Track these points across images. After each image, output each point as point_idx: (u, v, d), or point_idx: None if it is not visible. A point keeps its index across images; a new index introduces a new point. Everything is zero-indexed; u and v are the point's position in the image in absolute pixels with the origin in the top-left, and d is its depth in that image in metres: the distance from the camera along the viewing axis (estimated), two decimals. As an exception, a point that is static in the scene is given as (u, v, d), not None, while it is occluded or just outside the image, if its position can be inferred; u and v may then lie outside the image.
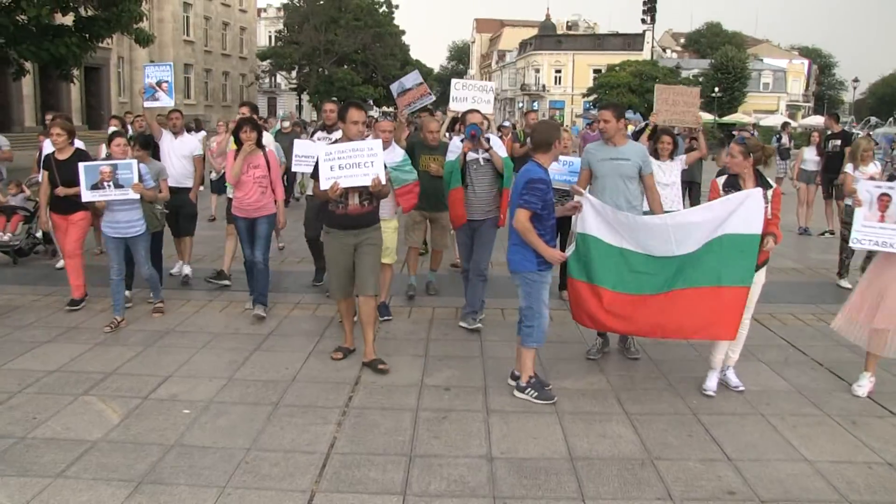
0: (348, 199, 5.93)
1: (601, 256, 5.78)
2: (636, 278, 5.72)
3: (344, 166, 5.77)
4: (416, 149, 8.03)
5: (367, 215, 6.04)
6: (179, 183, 8.77)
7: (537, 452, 4.60)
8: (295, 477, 4.24)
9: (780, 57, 79.92)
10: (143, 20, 23.10)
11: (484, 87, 8.98)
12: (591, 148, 6.40)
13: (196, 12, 51.65)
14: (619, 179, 6.13)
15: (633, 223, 5.77)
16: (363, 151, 5.79)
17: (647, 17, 57.71)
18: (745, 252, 5.40)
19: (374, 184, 5.76)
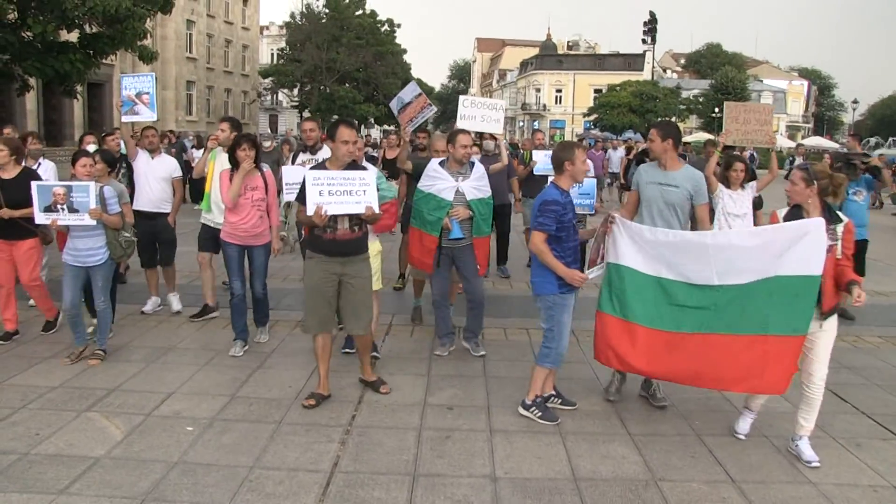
0: (337, 223, 5.50)
1: (637, 289, 5.31)
2: (673, 312, 5.19)
3: (334, 192, 5.38)
4: (422, 169, 7.31)
5: (356, 242, 5.61)
6: (157, 207, 8.08)
7: (541, 473, 4.60)
8: (299, 495, 4.23)
9: (779, 78, 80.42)
10: (146, 37, 23.22)
11: (494, 105, 8.49)
12: (642, 169, 5.93)
13: (199, 30, 51.89)
14: (665, 207, 5.61)
15: (669, 239, 5.27)
16: (355, 181, 5.41)
17: (647, 37, 58.10)
18: (801, 296, 4.73)
19: (368, 212, 5.40)
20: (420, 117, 7.98)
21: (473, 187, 6.68)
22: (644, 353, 5.22)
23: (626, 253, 5.38)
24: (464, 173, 6.71)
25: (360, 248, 5.67)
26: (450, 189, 6.61)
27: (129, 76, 8.21)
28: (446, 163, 6.75)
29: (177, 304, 8.24)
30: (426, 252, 6.72)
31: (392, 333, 7.61)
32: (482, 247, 6.87)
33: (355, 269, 5.62)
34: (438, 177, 6.66)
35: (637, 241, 5.36)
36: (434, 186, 6.63)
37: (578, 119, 68.73)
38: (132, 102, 7.89)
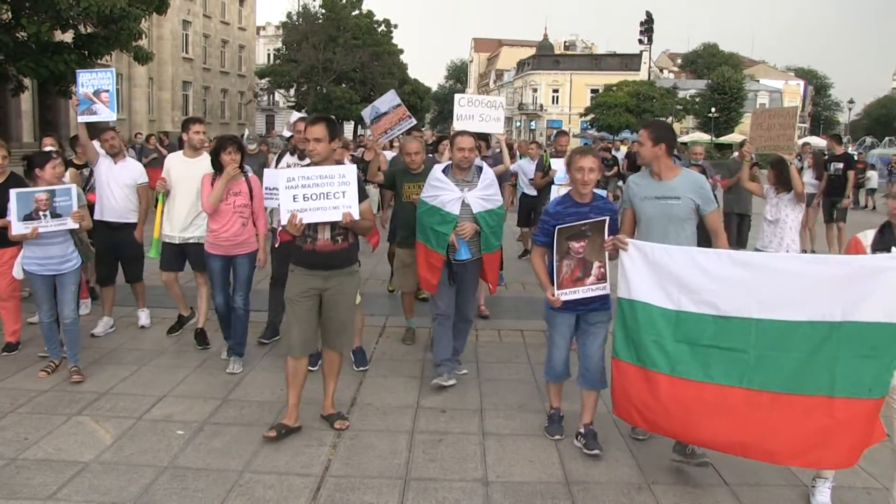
0: (317, 232, 4.96)
1: (653, 328, 4.38)
2: (700, 355, 4.22)
3: (310, 196, 4.79)
4: (398, 177, 7.00)
5: (340, 254, 5.01)
6: (121, 217, 7.28)
7: (533, 476, 4.57)
8: (289, 500, 4.20)
9: (776, 78, 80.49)
10: (142, 38, 23.19)
11: (493, 102, 7.71)
12: (633, 181, 5.10)
13: (195, 30, 51.84)
14: (669, 224, 4.82)
15: (693, 259, 4.31)
16: (333, 179, 4.81)
17: (644, 37, 58.20)
18: (882, 349, 3.84)
19: (346, 220, 4.81)
20: (396, 129, 7.46)
21: (481, 198, 5.91)
22: (670, 409, 4.28)
23: (638, 284, 4.46)
24: (470, 181, 5.96)
25: (345, 260, 5.07)
26: (455, 201, 5.84)
27: (85, 72, 7.21)
28: (450, 169, 6.02)
29: (144, 319, 7.64)
30: (432, 271, 6.00)
31: (385, 336, 7.58)
32: (492, 263, 6.20)
33: (339, 282, 5.05)
34: (442, 187, 5.89)
35: (651, 266, 4.43)
36: (438, 198, 5.86)
37: (575, 119, 68.81)
38: (89, 101, 7.04)
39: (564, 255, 4.76)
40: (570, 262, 4.76)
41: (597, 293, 4.77)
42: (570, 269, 4.77)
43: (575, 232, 4.73)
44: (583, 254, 4.73)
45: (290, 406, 5.11)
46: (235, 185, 6.24)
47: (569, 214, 4.79)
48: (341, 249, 5.02)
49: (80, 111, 7.06)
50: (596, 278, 4.75)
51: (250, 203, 6.35)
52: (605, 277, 4.75)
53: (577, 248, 4.72)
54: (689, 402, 4.20)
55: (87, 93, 7.04)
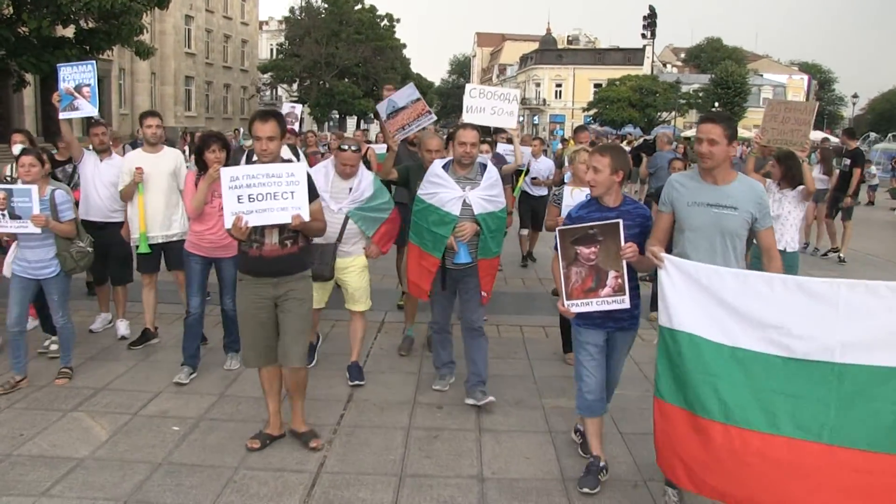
0: (264, 236, 4.58)
1: (701, 364, 3.62)
2: (766, 400, 3.45)
3: (256, 197, 4.40)
4: (412, 174, 6.39)
5: (290, 259, 4.62)
6: (106, 217, 7.03)
7: (529, 473, 4.55)
8: (283, 497, 4.18)
9: (779, 72, 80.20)
10: (143, 33, 23.14)
11: (506, 95, 7.23)
12: (678, 182, 4.23)
13: (198, 25, 51.79)
14: (719, 237, 4.04)
15: (751, 286, 3.55)
16: (281, 178, 4.41)
17: (647, 31, 57.99)
18: None
19: (295, 222, 4.41)
20: (415, 125, 6.87)
21: (483, 198, 5.42)
22: (726, 466, 3.50)
23: (682, 311, 3.74)
24: (472, 180, 5.47)
25: (295, 266, 4.67)
26: (455, 200, 5.35)
27: (67, 65, 7.00)
28: (450, 166, 5.54)
29: (124, 330, 7.15)
30: (424, 275, 5.55)
31: (384, 331, 7.55)
32: (488, 270, 5.65)
33: (290, 289, 4.66)
34: (441, 184, 5.41)
35: (698, 289, 3.71)
36: (436, 196, 5.40)
37: (578, 114, 68.60)
38: (71, 96, 6.80)
39: (573, 262, 4.21)
40: (581, 269, 4.21)
41: (613, 307, 4.18)
42: (581, 277, 4.21)
43: (581, 235, 4.17)
44: (595, 261, 4.16)
45: (271, 414, 4.91)
46: (219, 186, 5.82)
47: (591, 220, 4.25)
48: (291, 254, 4.63)
49: (61, 107, 6.84)
50: (612, 290, 4.16)
51: None
52: (624, 289, 4.14)
53: (587, 254, 4.16)
54: (751, 458, 3.42)
55: (69, 88, 6.81)
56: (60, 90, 6.81)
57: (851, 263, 12.09)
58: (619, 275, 4.15)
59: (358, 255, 5.97)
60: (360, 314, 6.10)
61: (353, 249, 5.95)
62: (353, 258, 5.94)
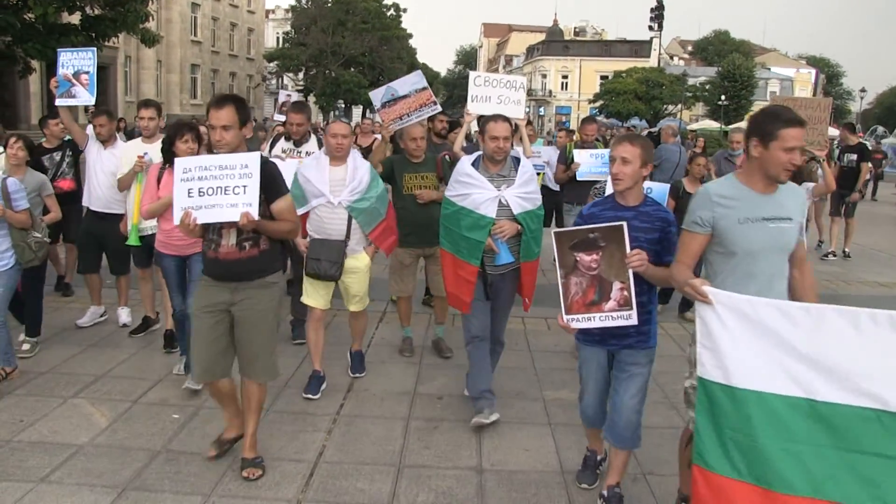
0: (221, 236, 4.11)
1: (780, 429, 2.90)
2: (867, 468, 2.77)
3: (206, 191, 3.94)
4: (397, 166, 6.22)
5: (248, 264, 4.11)
6: (107, 207, 6.76)
7: (528, 465, 4.54)
8: (281, 486, 4.18)
9: (787, 66, 79.85)
10: (149, 20, 23.12)
11: (512, 83, 6.83)
12: (720, 194, 3.40)
13: (204, 13, 51.72)
14: (777, 258, 3.41)
15: (829, 323, 2.88)
16: (234, 170, 3.92)
17: (654, 24, 57.62)
18: None
19: (243, 221, 3.89)
20: (415, 116, 6.42)
21: (520, 196, 4.94)
22: None
23: (744, 364, 2.98)
24: (506, 177, 4.97)
25: (255, 270, 4.15)
26: (491, 201, 4.86)
27: (67, 51, 6.78)
28: (480, 162, 5.05)
29: (125, 317, 7.04)
30: (463, 285, 5.00)
31: (385, 321, 7.54)
32: (531, 273, 5.17)
33: (248, 298, 4.16)
34: (473, 184, 4.91)
35: (759, 331, 2.96)
36: (469, 198, 4.89)
37: (584, 105, 68.41)
38: (69, 83, 6.58)
39: (572, 271, 3.72)
40: (581, 280, 3.72)
41: (619, 323, 3.70)
42: (582, 289, 3.72)
43: (580, 240, 3.67)
44: (597, 270, 3.67)
45: (227, 419, 4.52)
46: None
47: (604, 219, 3.78)
48: (250, 258, 4.12)
49: (59, 94, 6.64)
50: (617, 303, 3.67)
51: None
52: (631, 303, 3.66)
53: (588, 262, 3.67)
54: None
55: (67, 74, 6.60)
56: (59, 76, 6.63)
57: (857, 259, 12.04)
58: (624, 286, 3.64)
59: (361, 255, 5.58)
60: (362, 312, 5.86)
61: (358, 248, 5.55)
62: (359, 258, 5.56)
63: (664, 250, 3.76)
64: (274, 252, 4.25)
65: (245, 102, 4.32)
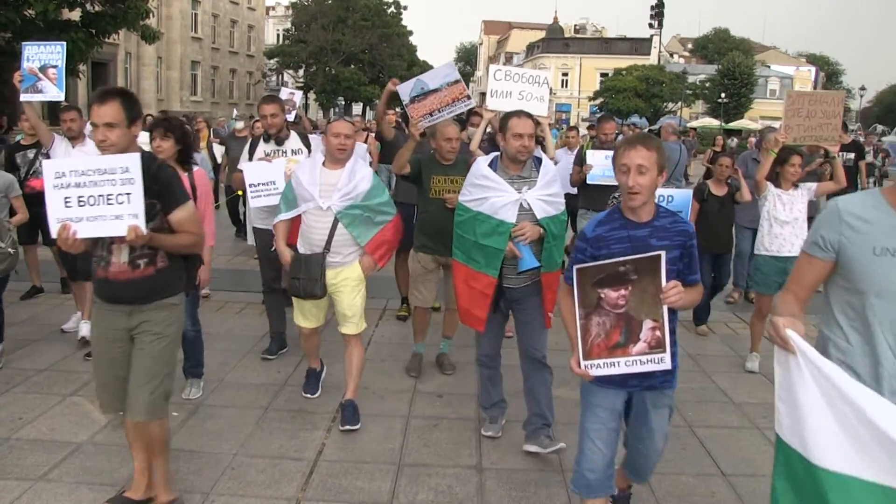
0: (111, 253, 3.54)
1: None
2: None
3: (86, 199, 3.35)
4: (425, 167, 5.72)
5: (143, 284, 3.55)
6: None
7: (528, 464, 4.53)
8: (281, 484, 4.17)
9: (787, 64, 79.73)
10: (149, 17, 23.09)
11: (536, 77, 6.33)
12: (853, 214, 2.67)
13: (204, 9, 51.63)
14: None
15: None
16: (115, 175, 3.31)
17: (654, 21, 57.75)
18: None
19: (130, 236, 3.30)
20: (447, 112, 5.83)
21: (543, 199, 4.41)
22: None
23: (815, 430, 2.42)
24: (527, 178, 4.46)
25: (151, 291, 3.58)
26: (511, 205, 4.33)
27: (32, 44, 6.25)
28: (498, 162, 4.54)
29: (86, 331, 6.29)
30: (478, 300, 4.50)
31: (385, 319, 7.53)
32: (552, 285, 4.49)
33: (145, 321, 3.59)
34: (491, 186, 4.38)
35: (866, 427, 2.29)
36: (487, 202, 4.37)
37: (584, 103, 68.41)
38: (35, 77, 6.08)
39: (594, 310, 3.11)
40: (605, 319, 3.10)
41: (648, 367, 3.11)
42: (605, 330, 3.11)
43: (609, 274, 3.05)
44: (624, 308, 3.07)
45: (136, 472, 3.85)
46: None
47: (615, 241, 3.23)
48: (145, 277, 3.55)
49: (23, 88, 6.15)
50: (648, 345, 3.08)
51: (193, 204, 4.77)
52: (664, 344, 3.07)
53: (615, 299, 3.07)
54: None
55: (33, 68, 6.10)
56: (23, 70, 6.13)
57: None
58: (657, 325, 3.06)
59: (352, 266, 4.96)
60: (354, 338, 5.05)
61: (347, 259, 4.94)
62: (345, 269, 4.93)
63: (686, 268, 3.25)
64: (175, 270, 3.68)
65: (134, 97, 3.64)
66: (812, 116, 6.30)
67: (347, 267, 4.93)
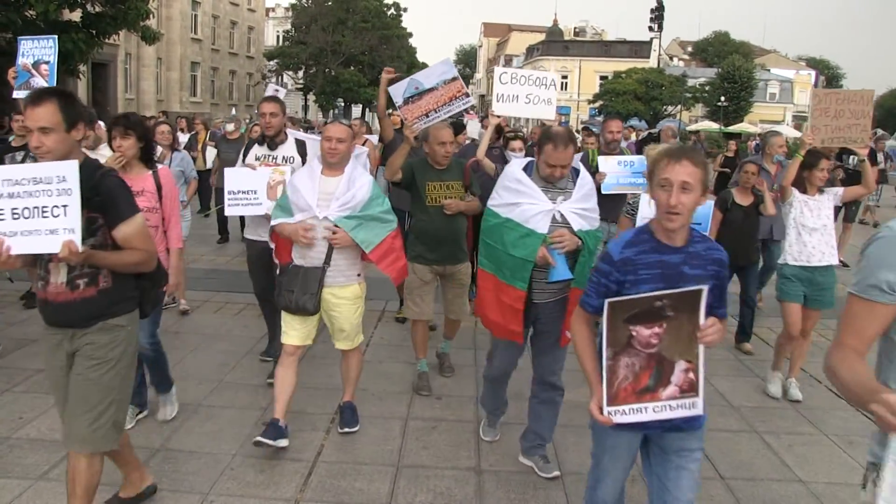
0: (49, 272, 3.24)
1: None
2: None
3: (21, 212, 3.03)
4: (418, 173, 5.48)
5: (83, 306, 3.23)
6: None
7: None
8: (280, 485, 4.18)
9: (787, 67, 79.87)
10: (150, 18, 23.13)
11: (542, 80, 6.06)
12: None
13: (204, 10, 51.62)
14: None
15: None
16: (51, 184, 3.00)
17: (654, 24, 57.69)
18: None
19: (65, 252, 2.98)
20: (443, 112, 5.50)
21: (578, 213, 4.06)
22: None
23: None
24: (563, 189, 4.12)
25: (93, 313, 3.25)
26: (543, 215, 4.00)
27: (27, 39, 6.07)
28: (533, 168, 4.18)
29: None
30: (510, 314, 4.13)
31: (384, 321, 7.54)
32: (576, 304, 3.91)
33: (87, 343, 3.27)
34: (524, 192, 4.05)
35: None
36: (518, 208, 4.04)
37: (584, 106, 68.46)
38: (28, 73, 5.88)
39: (623, 350, 2.78)
40: (634, 360, 2.79)
41: (678, 414, 2.82)
42: (633, 372, 2.79)
43: (643, 310, 2.73)
44: (657, 347, 2.76)
45: (123, 476, 3.75)
46: (136, 181, 4.44)
47: (644, 266, 2.86)
48: (85, 299, 3.22)
49: (17, 84, 5.98)
50: (679, 388, 2.79)
51: (158, 206, 4.65)
52: (697, 388, 2.79)
53: (648, 337, 2.75)
54: None
55: (27, 64, 5.92)
56: (18, 66, 5.97)
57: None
58: (691, 366, 2.77)
59: (351, 285, 4.66)
60: (354, 351, 4.89)
61: (346, 278, 4.63)
62: (346, 289, 4.64)
63: (716, 300, 2.90)
64: (121, 289, 3.33)
65: (73, 97, 3.28)
66: (840, 116, 6.02)
67: (349, 286, 4.65)
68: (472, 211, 5.58)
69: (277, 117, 5.62)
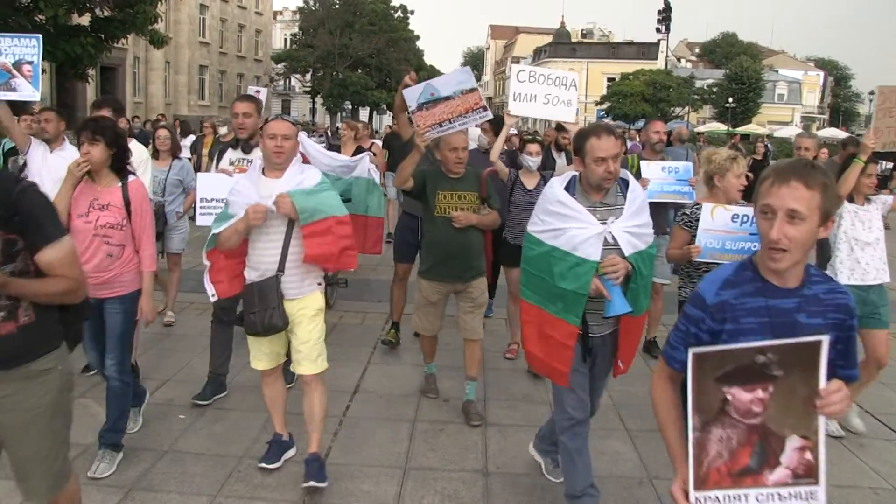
0: None
1: None
2: None
3: None
4: (430, 181, 5.15)
5: (2, 344, 2.69)
6: None
7: (534, 468, 4.52)
8: (287, 487, 4.18)
9: (795, 68, 79.64)
10: (158, 22, 23.25)
11: (562, 79, 5.70)
12: None
13: (212, 14, 51.86)
14: None
15: None
16: None
17: (661, 26, 57.61)
18: None
19: None
20: (457, 123, 5.00)
21: (629, 231, 3.57)
22: None
23: None
24: (612, 206, 3.64)
25: (12, 356, 2.72)
26: (594, 239, 3.48)
27: (6, 36, 5.54)
28: (577, 185, 3.70)
29: None
30: (558, 351, 3.62)
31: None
32: (634, 333, 3.85)
33: (10, 392, 2.76)
34: (570, 215, 3.53)
35: None
36: (564, 234, 3.52)
37: (591, 108, 68.41)
38: (8, 74, 5.42)
39: (715, 419, 2.16)
40: (730, 433, 2.16)
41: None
42: (730, 448, 2.17)
43: (740, 366, 2.12)
44: (761, 417, 2.13)
45: None
46: (101, 194, 4.18)
47: (746, 312, 2.33)
48: (2, 337, 2.68)
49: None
50: (793, 472, 2.14)
51: (127, 221, 4.23)
52: (818, 474, 2.13)
53: (748, 403, 2.13)
54: None
55: (6, 63, 5.45)
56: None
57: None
58: (808, 444, 2.13)
59: (311, 296, 4.20)
60: (314, 379, 4.20)
61: (306, 289, 4.17)
62: (304, 299, 4.16)
63: (841, 358, 2.35)
64: (45, 324, 2.81)
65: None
66: None
67: (307, 297, 4.18)
68: (487, 225, 5.27)
69: (251, 118, 5.30)
